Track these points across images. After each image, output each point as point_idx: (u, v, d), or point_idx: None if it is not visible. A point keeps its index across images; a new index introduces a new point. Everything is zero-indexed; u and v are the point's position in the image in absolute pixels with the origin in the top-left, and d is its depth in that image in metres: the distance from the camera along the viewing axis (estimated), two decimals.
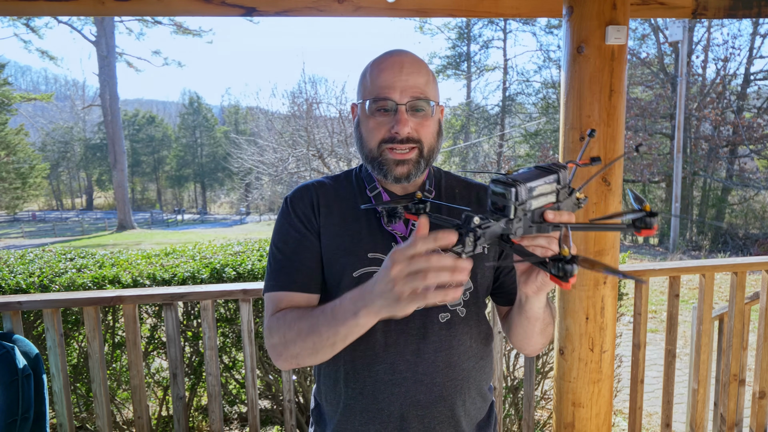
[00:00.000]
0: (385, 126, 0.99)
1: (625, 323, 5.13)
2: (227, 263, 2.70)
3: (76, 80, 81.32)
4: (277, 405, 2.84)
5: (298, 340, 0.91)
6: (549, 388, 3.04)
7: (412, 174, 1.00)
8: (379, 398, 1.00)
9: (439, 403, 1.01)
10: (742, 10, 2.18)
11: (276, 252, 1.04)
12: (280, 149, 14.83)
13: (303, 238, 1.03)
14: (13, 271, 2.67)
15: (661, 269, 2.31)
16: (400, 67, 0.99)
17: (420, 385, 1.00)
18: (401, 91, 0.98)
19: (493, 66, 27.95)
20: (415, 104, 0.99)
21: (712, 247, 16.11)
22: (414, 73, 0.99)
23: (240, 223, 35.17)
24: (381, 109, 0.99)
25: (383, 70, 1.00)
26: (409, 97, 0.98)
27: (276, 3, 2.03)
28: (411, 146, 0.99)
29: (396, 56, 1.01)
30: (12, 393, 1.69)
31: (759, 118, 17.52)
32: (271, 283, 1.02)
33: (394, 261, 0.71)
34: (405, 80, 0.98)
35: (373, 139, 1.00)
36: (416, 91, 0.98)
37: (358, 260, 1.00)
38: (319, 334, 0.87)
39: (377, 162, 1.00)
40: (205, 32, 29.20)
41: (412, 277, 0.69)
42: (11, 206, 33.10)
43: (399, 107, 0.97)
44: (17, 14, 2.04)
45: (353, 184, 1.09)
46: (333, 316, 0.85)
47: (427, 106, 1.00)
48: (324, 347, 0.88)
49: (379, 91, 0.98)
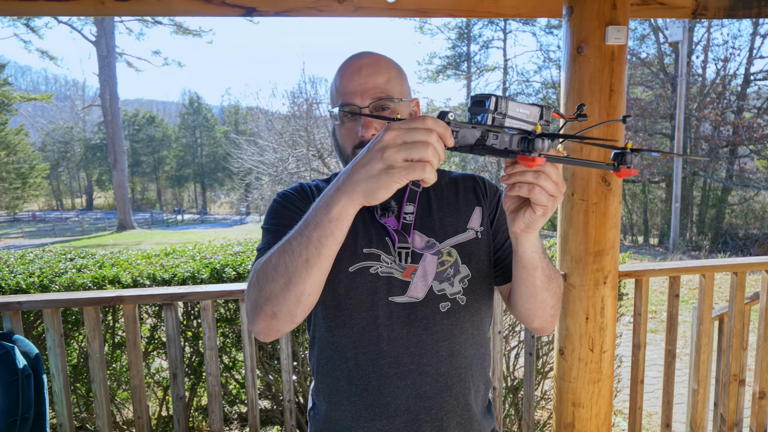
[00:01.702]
0: (354, 131, 1.00)
1: (625, 323, 5.13)
2: (227, 263, 2.70)
3: (76, 80, 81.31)
4: (277, 405, 2.84)
5: (270, 272, 0.82)
6: (549, 388, 3.04)
7: None
8: (385, 393, 1.00)
9: (445, 392, 1.02)
10: (742, 10, 2.18)
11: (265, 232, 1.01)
12: (280, 149, 14.84)
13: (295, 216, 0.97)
14: (13, 271, 2.67)
15: (661, 269, 2.31)
16: (358, 71, 1.00)
17: (425, 377, 1.00)
18: (362, 95, 0.98)
19: (493, 66, 27.96)
20: (379, 104, 0.99)
21: (712, 247, 16.11)
22: (372, 74, 1.00)
23: (240, 223, 35.16)
24: (348, 115, 1.00)
25: (343, 76, 1.01)
26: (371, 98, 0.99)
27: (276, 3, 2.03)
28: None
29: (355, 60, 1.02)
30: (12, 393, 1.69)
31: (759, 118, 17.52)
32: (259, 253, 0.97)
33: (390, 128, 0.67)
34: (364, 83, 0.99)
35: (347, 146, 1.02)
36: (377, 91, 0.99)
37: (353, 255, 1.01)
38: (291, 252, 0.79)
39: None
40: (205, 32, 29.21)
41: (408, 146, 0.66)
42: (11, 206, 33.10)
43: (363, 111, 0.98)
44: (17, 14, 2.04)
45: None
46: (305, 223, 0.78)
47: (392, 104, 1.00)
48: (297, 269, 0.79)
49: (342, 98, 1.00)
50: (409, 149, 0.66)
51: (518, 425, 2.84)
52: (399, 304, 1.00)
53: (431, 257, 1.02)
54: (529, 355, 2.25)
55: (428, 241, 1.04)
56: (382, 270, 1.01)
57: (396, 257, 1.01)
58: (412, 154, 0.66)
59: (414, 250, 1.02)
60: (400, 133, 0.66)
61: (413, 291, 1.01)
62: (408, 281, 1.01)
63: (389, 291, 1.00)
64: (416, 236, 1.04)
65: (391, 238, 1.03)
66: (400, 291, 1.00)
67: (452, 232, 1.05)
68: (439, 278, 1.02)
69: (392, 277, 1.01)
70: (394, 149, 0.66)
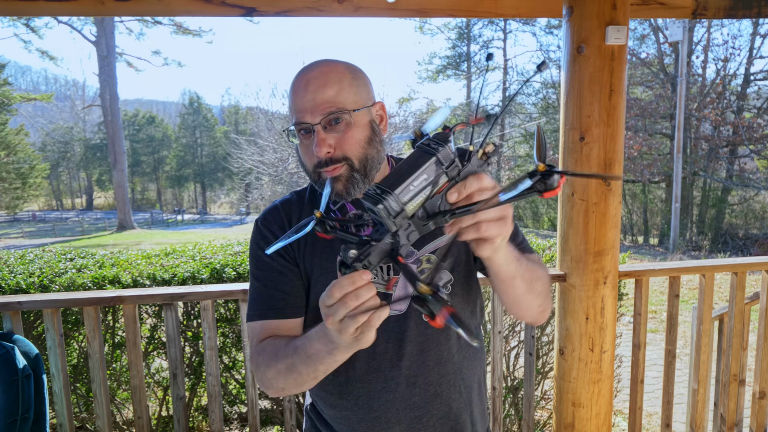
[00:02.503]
0: (311, 150, 0.95)
1: (625, 323, 5.13)
2: (227, 263, 2.70)
3: (76, 80, 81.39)
4: (277, 405, 2.84)
5: (280, 378, 0.92)
6: (549, 388, 3.04)
7: (351, 189, 0.95)
8: (375, 407, 1.00)
9: (435, 401, 1.01)
10: (742, 10, 2.18)
11: (253, 280, 1.04)
12: (280, 149, 14.82)
13: (275, 263, 1.01)
14: (13, 271, 2.67)
15: (661, 269, 2.31)
16: (305, 86, 0.94)
17: (414, 388, 0.99)
18: (312, 111, 0.92)
19: (493, 66, 27.95)
20: (329, 119, 0.92)
21: (712, 247, 16.11)
22: (320, 88, 0.93)
23: (240, 223, 35.13)
24: (302, 132, 0.95)
25: (294, 92, 0.96)
26: (321, 114, 0.92)
27: (276, 3, 2.03)
28: (339, 163, 0.94)
29: (303, 75, 0.96)
30: (12, 393, 1.69)
31: (759, 118, 17.52)
32: (250, 312, 1.02)
33: (324, 315, 0.73)
34: (312, 99, 0.93)
35: (308, 165, 0.97)
36: (326, 106, 0.92)
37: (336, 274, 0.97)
38: (299, 373, 0.89)
39: (318, 184, 0.97)
40: (205, 32, 29.21)
41: (345, 323, 0.71)
42: (11, 206, 33.11)
43: (315, 128, 0.92)
44: (17, 14, 2.04)
45: (316, 196, 1.06)
46: (308, 357, 0.86)
47: (346, 115, 0.93)
48: (307, 381, 0.90)
49: (295, 116, 0.95)
50: (347, 326, 0.71)
51: (518, 425, 2.84)
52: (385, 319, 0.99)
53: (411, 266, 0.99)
54: (529, 355, 2.25)
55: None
56: None
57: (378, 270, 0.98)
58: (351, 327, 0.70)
59: None
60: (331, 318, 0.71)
61: (396, 304, 0.99)
62: (390, 294, 0.99)
63: None
64: None
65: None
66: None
67: (430, 237, 1.00)
68: None
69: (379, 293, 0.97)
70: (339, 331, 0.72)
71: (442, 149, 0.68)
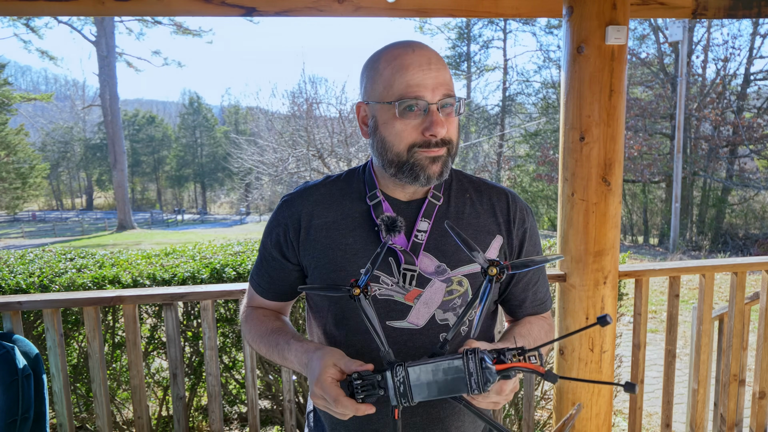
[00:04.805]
0: (415, 128, 0.90)
1: (625, 323, 5.12)
2: (227, 263, 2.70)
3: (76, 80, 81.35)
4: (277, 405, 2.84)
5: (261, 352, 1.06)
6: (549, 388, 3.04)
7: (444, 173, 0.93)
8: (373, 419, 0.97)
9: (436, 424, 0.98)
10: (742, 10, 2.18)
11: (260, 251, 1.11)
12: (280, 149, 14.82)
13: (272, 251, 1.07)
14: (13, 271, 2.67)
15: (661, 269, 2.31)
16: (428, 63, 0.90)
17: (416, 408, 0.96)
18: (433, 89, 0.89)
19: (493, 66, 27.95)
20: (445, 102, 0.91)
21: (712, 247, 16.11)
22: (442, 69, 0.91)
23: (240, 223, 35.15)
24: (408, 109, 0.89)
25: (408, 66, 0.89)
26: (441, 95, 0.89)
27: (276, 3, 2.03)
28: (442, 147, 0.92)
29: (419, 51, 0.91)
30: (12, 393, 1.69)
31: (759, 118, 17.52)
32: (252, 277, 1.13)
33: (315, 395, 0.85)
34: (435, 77, 0.89)
35: (401, 142, 0.91)
36: (446, 88, 0.90)
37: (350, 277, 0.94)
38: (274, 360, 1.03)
39: (407, 165, 0.91)
40: (205, 32, 29.17)
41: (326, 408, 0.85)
42: (11, 206, 33.09)
43: (431, 107, 0.88)
44: (17, 14, 2.04)
45: (353, 188, 1.03)
46: (283, 359, 0.99)
47: (455, 103, 0.93)
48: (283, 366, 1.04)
49: (407, 89, 0.88)
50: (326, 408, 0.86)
51: (518, 425, 2.84)
52: (396, 329, 0.95)
53: (440, 284, 0.96)
54: None
55: (439, 266, 0.96)
56: (380, 293, 0.95)
57: (400, 279, 0.95)
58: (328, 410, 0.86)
59: (421, 273, 0.95)
60: (321, 402, 0.85)
61: (414, 317, 0.95)
62: (410, 305, 0.95)
63: (387, 315, 0.95)
64: (426, 258, 0.96)
65: (397, 259, 0.95)
66: (400, 315, 0.95)
67: (467, 259, 0.96)
68: (444, 307, 0.96)
69: (392, 300, 0.95)
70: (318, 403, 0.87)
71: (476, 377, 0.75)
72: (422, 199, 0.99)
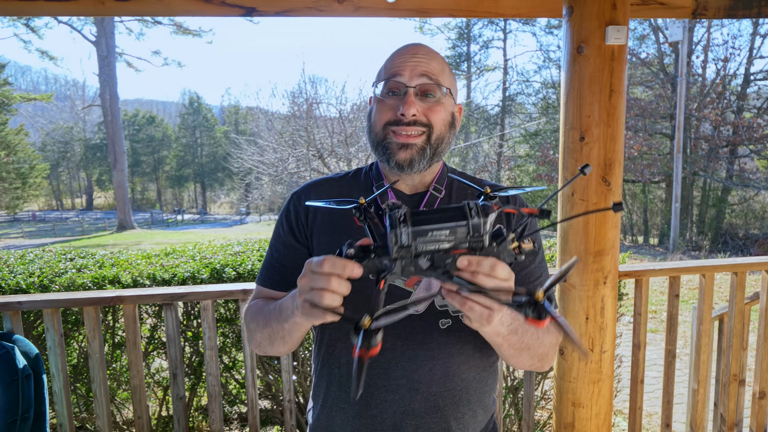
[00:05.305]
0: (392, 108, 0.95)
1: (625, 323, 5.12)
2: (227, 263, 2.70)
3: (76, 80, 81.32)
4: (277, 405, 2.84)
5: (258, 330, 0.98)
6: (549, 388, 3.04)
7: (416, 161, 0.95)
8: (372, 404, 0.97)
9: (435, 413, 0.98)
10: (742, 10, 2.18)
11: (269, 248, 1.10)
12: (280, 149, 14.82)
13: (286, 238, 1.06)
14: (13, 271, 2.67)
15: (661, 269, 2.31)
16: (414, 52, 0.97)
17: (415, 394, 0.97)
18: (411, 72, 0.94)
19: (493, 66, 27.96)
20: (426, 87, 0.94)
21: (712, 247, 16.11)
22: (431, 60, 0.96)
23: (240, 223, 35.15)
24: (390, 92, 0.96)
25: (396, 55, 0.98)
26: (420, 79, 0.94)
27: (276, 3, 2.03)
28: (419, 130, 0.95)
29: (411, 45, 1.00)
30: (12, 393, 1.69)
31: (759, 118, 17.53)
32: (260, 276, 1.11)
33: (304, 273, 0.75)
34: (416, 63, 0.95)
35: (379, 121, 0.97)
36: (429, 76, 0.95)
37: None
38: (271, 327, 0.93)
39: (382, 146, 0.97)
40: (205, 32, 29.18)
41: (311, 292, 0.73)
42: (11, 206, 33.10)
43: (408, 89, 0.93)
44: (17, 14, 2.04)
45: (360, 182, 1.07)
46: (279, 312, 0.90)
47: (439, 92, 0.96)
48: (276, 339, 0.93)
49: (389, 73, 0.96)
50: (310, 294, 0.74)
51: (518, 425, 2.84)
52: None
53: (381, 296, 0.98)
54: None
55: None
56: None
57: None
58: (311, 298, 0.73)
59: None
60: (308, 279, 0.74)
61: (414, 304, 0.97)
62: (410, 291, 0.96)
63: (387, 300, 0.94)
64: None
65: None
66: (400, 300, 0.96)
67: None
68: None
69: (392, 285, 0.97)
70: (303, 293, 0.75)
71: (477, 220, 0.69)
72: (425, 192, 1.03)
